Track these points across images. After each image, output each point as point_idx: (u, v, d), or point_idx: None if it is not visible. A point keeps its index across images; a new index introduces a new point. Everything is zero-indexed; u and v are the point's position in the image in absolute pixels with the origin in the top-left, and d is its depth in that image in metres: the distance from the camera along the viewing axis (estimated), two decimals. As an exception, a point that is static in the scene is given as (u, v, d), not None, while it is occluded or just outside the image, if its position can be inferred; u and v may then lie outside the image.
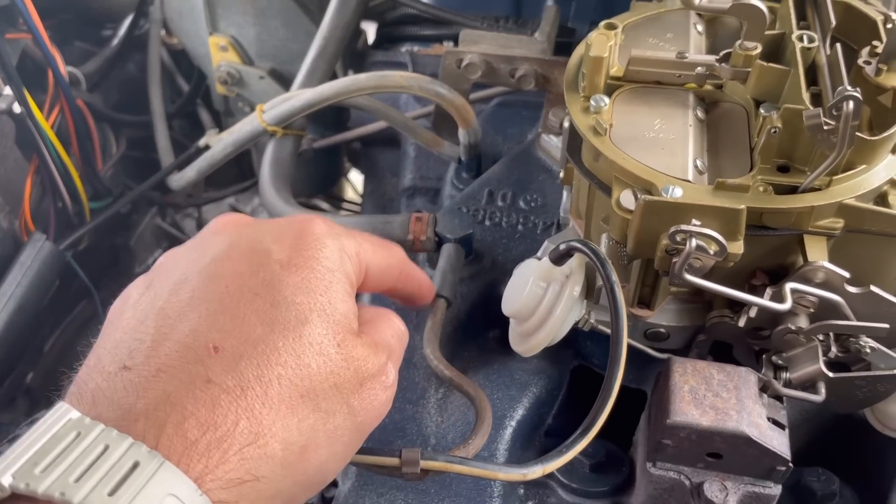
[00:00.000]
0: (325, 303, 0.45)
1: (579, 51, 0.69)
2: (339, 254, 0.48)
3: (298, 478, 0.42)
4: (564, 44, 0.92)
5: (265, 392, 0.40)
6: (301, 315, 0.44)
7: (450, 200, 0.92)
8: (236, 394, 0.40)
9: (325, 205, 1.64)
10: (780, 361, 0.61)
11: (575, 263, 0.61)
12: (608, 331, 0.64)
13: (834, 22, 0.62)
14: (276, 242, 0.47)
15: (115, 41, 1.36)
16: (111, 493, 0.34)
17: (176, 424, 0.38)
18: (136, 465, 0.35)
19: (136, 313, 0.44)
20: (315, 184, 1.36)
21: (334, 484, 0.70)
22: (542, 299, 0.61)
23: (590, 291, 0.63)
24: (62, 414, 0.37)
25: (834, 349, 0.59)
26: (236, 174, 1.54)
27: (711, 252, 0.52)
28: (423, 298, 0.63)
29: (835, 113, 0.52)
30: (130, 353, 0.41)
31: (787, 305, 0.55)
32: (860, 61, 0.60)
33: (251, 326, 0.42)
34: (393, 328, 0.52)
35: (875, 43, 0.61)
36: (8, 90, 0.98)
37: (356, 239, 0.51)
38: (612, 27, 0.65)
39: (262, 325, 0.42)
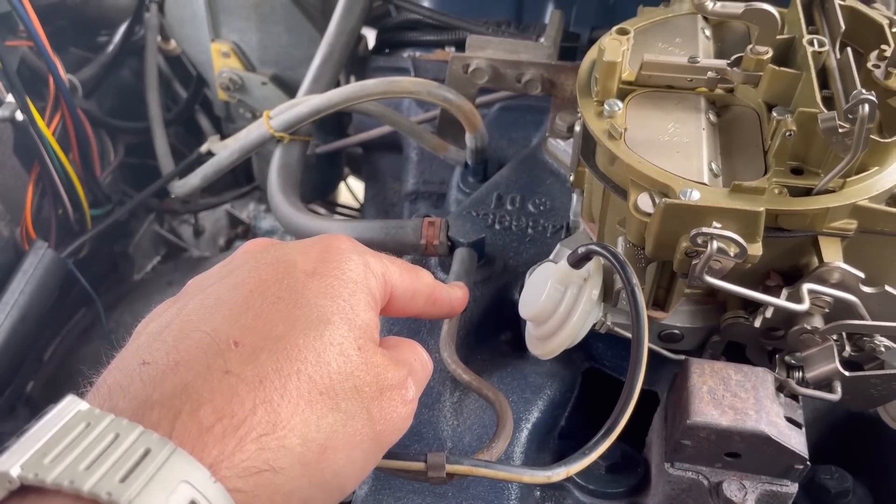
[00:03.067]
0: (347, 308, 0.46)
1: (591, 55, 0.69)
2: (363, 268, 0.49)
3: (315, 479, 0.41)
4: (569, 49, 0.93)
5: (284, 385, 0.40)
6: (323, 316, 0.44)
7: (457, 205, 0.92)
8: (254, 384, 0.40)
9: (322, 210, 1.64)
10: (793, 361, 0.62)
11: (592, 266, 0.61)
12: (625, 333, 0.64)
13: (843, 26, 0.63)
14: (301, 255, 0.48)
15: (111, 47, 1.36)
16: (122, 480, 0.34)
17: (191, 412, 0.37)
18: (147, 452, 0.35)
19: (160, 321, 0.45)
20: (315, 189, 1.36)
21: (350, 489, 0.70)
22: (560, 302, 0.61)
23: (607, 294, 0.63)
24: (71, 406, 0.37)
25: (848, 348, 0.60)
26: (231, 180, 1.54)
27: (731, 254, 0.53)
28: (456, 312, 0.62)
29: (850, 116, 0.53)
30: (151, 351, 0.41)
31: (805, 306, 0.55)
32: (869, 65, 0.61)
33: (273, 324, 0.43)
34: (416, 354, 0.52)
35: (883, 47, 0.62)
36: (10, 98, 0.98)
37: (383, 260, 0.52)
38: (624, 32, 0.65)
39: (283, 324, 0.43)
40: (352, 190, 1.67)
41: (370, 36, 1.26)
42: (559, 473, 0.52)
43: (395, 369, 0.47)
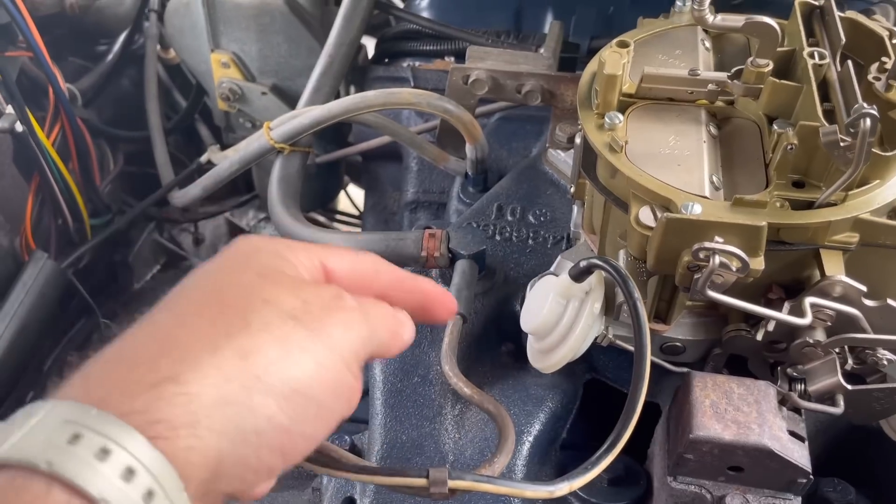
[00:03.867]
0: (244, 259, 0.44)
1: (591, 67, 0.69)
2: (263, 240, 0.46)
3: (251, 383, 0.37)
4: (568, 59, 0.93)
5: (180, 320, 0.39)
6: (215, 269, 0.44)
7: (457, 215, 0.92)
8: (144, 330, 0.39)
9: (321, 218, 1.64)
10: (795, 374, 0.62)
11: (594, 280, 0.61)
12: (627, 346, 0.64)
13: (844, 39, 0.63)
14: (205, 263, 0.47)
15: (110, 57, 1.36)
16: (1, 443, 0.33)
17: (78, 375, 0.37)
18: (27, 416, 0.34)
19: None
20: (315, 198, 1.36)
21: (352, 501, 0.70)
22: (562, 316, 0.61)
23: (609, 307, 0.63)
24: None
25: (850, 361, 0.60)
26: (231, 188, 1.54)
27: (734, 268, 0.53)
28: (438, 302, 0.53)
29: (852, 130, 0.53)
30: None
31: (807, 320, 0.55)
32: (870, 77, 0.61)
33: (168, 298, 0.42)
34: (370, 301, 0.48)
35: (884, 59, 0.62)
36: (9, 109, 0.98)
37: (301, 242, 0.48)
38: (624, 45, 0.65)
39: (178, 292, 0.42)
40: (352, 198, 1.67)
41: (369, 45, 1.26)
42: (562, 488, 0.52)
43: (317, 286, 0.44)
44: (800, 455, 0.57)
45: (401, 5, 1.27)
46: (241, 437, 0.37)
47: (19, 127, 0.98)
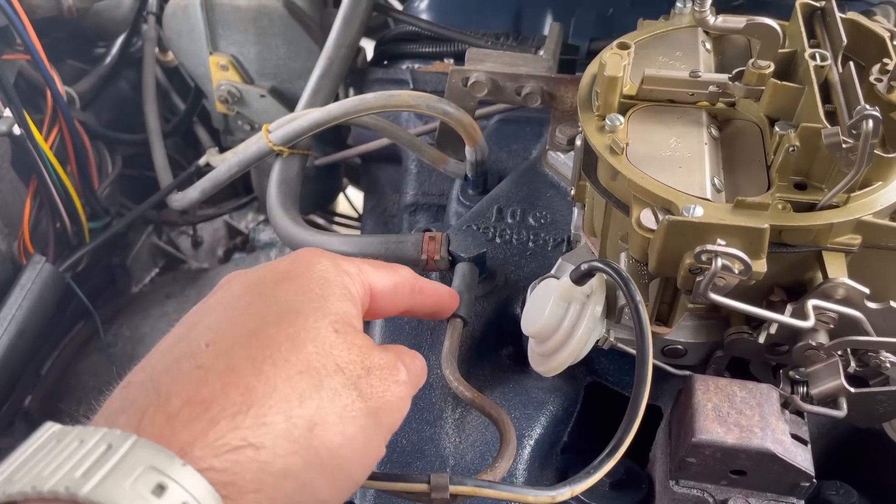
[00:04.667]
0: (318, 299, 0.46)
1: (591, 69, 0.69)
2: (334, 268, 0.49)
3: (310, 458, 0.40)
4: (568, 61, 0.93)
5: (258, 369, 0.40)
6: (294, 308, 0.44)
7: (457, 218, 0.92)
8: (225, 372, 0.40)
9: (320, 220, 1.63)
10: (797, 376, 0.61)
11: (595, 283, 0.61)
12: (628, 349, 0.64)
13: (845, 40, 0.62)
14: (271, 269, 0.49)
15: (108, 59, 1.36)
16: (83, 475, 0.34)
17: (158, 406, 0.38)
18: (109, 448, 0.35)
19: None
20: (315, 200, 1.36)
21: (352, 507, 0.70)
22: (563, 319, 0.61)
23: (610, 310, 0.63)
24: (45, 430, 0.37)
25: (853, 364, 0.59)
26: (229, 191, 1.54)
27: (736, 271, 0.53)
28: (447, 309, 0.64)
29: (854, 131, 0.53)
30: (135, 373, 0.42)
31: (810, 322, 0.55)
32: (871, 78, 0.61)
33: (244, 324, 0.43)
34: (408, 351, 0.52)
35: (885, 60, 0.62)
36: (7, 112, 0.98)
37: (355, 261, 0.52)
38: (624, 46, 0.65)
39: (254, 321, 0.43)
40: (350, 200, 1.67)
41: (368, 48, 1.26)
42: (563, 493, 0.52)
43: (381, 352, 0.46)
44: (803, 458, 0.56)
45: (399, 7, 1.27)
46: None
47: (17, 130, 0.98)
